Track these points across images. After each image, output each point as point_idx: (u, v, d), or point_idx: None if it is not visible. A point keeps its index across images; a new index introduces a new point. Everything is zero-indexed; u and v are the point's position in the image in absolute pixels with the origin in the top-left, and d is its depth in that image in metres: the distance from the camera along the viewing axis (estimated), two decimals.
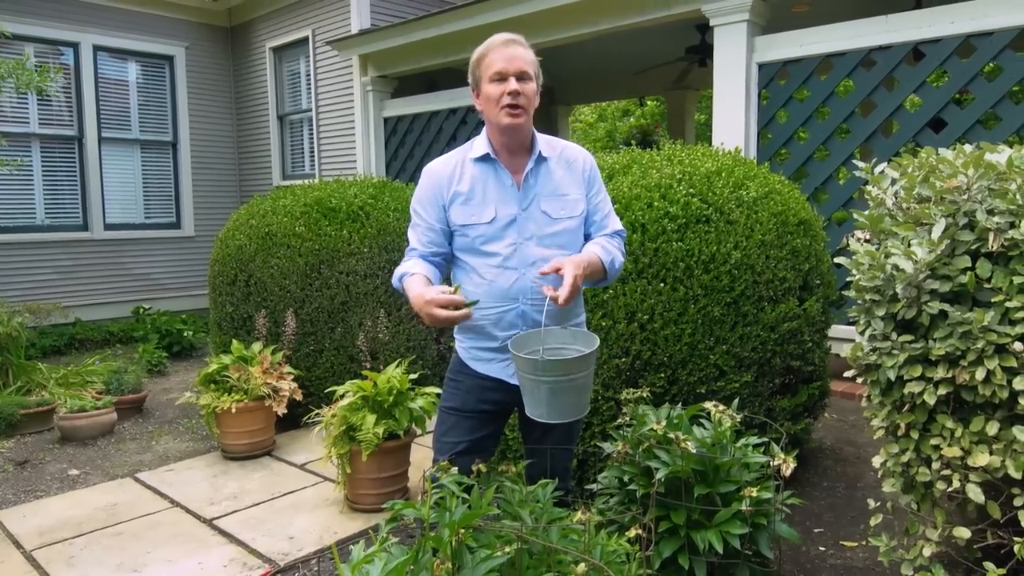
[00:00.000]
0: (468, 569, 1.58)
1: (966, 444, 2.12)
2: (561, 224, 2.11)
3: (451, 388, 2.26)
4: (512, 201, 2.09)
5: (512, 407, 2.28)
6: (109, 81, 8.53)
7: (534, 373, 1.86)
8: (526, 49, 2.08)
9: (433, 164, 2.18)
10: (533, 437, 2.28)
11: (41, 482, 4.01)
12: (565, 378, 1.85)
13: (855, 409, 4.63)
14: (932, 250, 2.07)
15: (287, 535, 3.24)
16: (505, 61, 2.03)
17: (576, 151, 2.22)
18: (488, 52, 2.07)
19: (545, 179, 2.12)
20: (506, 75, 2.02)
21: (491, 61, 2.05)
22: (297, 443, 4.50)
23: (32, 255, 7.88)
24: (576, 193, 2.15)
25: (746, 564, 2.13)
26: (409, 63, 7.47)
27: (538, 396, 1.88)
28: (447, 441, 2.23)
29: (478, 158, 2.11)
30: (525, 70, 2.04)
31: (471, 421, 2.21)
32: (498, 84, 2.03)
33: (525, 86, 2.03)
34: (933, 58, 4.47)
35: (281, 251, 4.72)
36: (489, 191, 2.09)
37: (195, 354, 7.37)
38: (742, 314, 2.99)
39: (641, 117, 16.30)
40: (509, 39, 2.07)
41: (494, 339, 2.14)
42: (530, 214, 2.09)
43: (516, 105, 2.02)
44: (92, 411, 4.75)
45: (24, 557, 3.10)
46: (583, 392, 1.92)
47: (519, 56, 2.04)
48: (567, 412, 1.91)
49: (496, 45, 2.06)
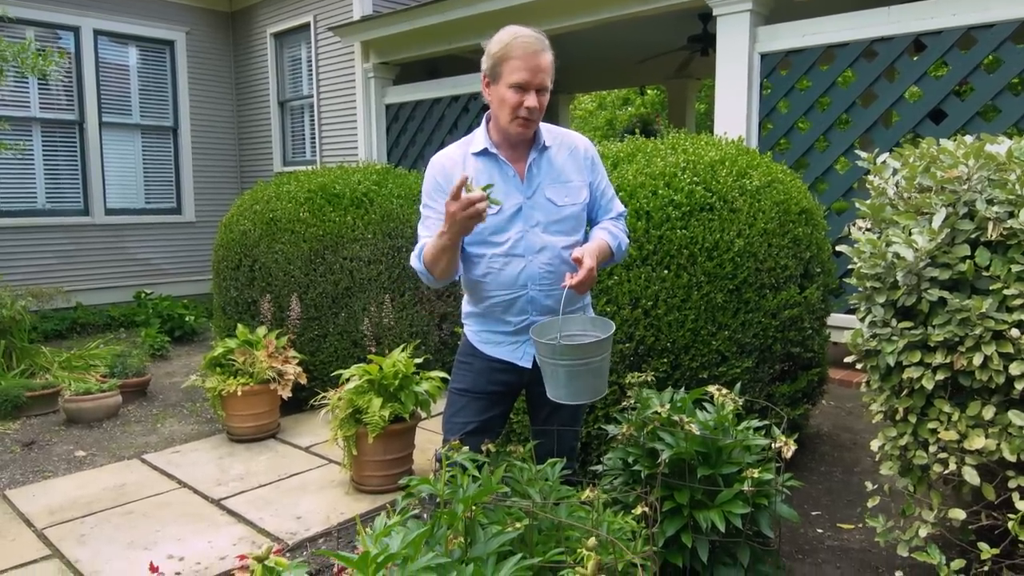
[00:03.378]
0: (481, 543, 1.64)
1: (963, 428, 2.18)
2: (566, 211, 2.15)
3: (461, 370, 2.31)
4: (516, 191, 2.11)
5: (520, 388, 2.33)
6: (110, 66, 8.52)
7: (552, 357, 1.93)
8: (550, 53, 2.02)
9: (439, 158, 2.17)
10: (540, 418, 2.33)
11: (49, 463, 4.06)
12: (581, 362, 1.92)
13: (852, 396, 4.70)
14: (932, 239, 2.12)
15: (294, 515, 3.30)
16: (531, 72, 1.96)
17: (576, 138, 2.24)
18: (515, 53, 1.96)
19: (548, 167, 2.14)
20: (529, 87, 1.97)
21: (516, 66, 1.96)
22: (301, 426, 4.55)
23: (33, 239, 7.89)
24: (578, 179, 2.18)
25: (747, 543, 2.19)
26: (411, 50, 7.48)
27: (557, 379, 1.96)
28: (457, 422, 2.27)
29: (478, 152, 2.12)
30: (547, 83, 2.00)
31: (481, 402, 2.26)
32: (517, 92, 1.98)
33: (543, 98, 2.01)
34: (934, 50, 4.50)
35: (285, 236, 4.76)
36: (494, 184, 2.09)
37: (196, 339, 7.41)
38: (744, 301, 3.04)
39: (641, 106, 16.30)
40: (540, 46, 1.98)
41: (506, 324, 2.19)
42: (535, 202, 2.12)
43: (530, 118, 2.01)
44: (97, 393, 4.79)
45: (36, 535, 3.16)
46: (600, 375, 1.99)
47: (545, 68, 1.98)
48: (585, 394, 1.98)
49: (527, 51, 1.96)
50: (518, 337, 2.21)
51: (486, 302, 2.20)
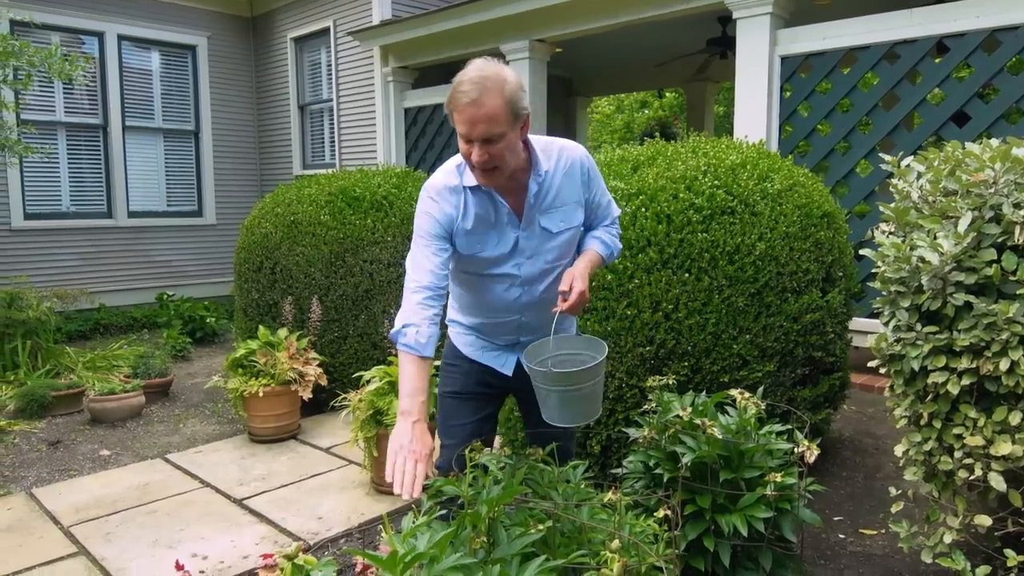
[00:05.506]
0: (504, 544, 1.64)
1: (988, 433, 2.16)
2: (562, 236, 2.10)
3: (450, 373, 2.30)
4: (511, 228, 2.04)
5: (507, 392, 2.34)
6: (133, 70, 8.64)
7: (545, 384, 1.93)
8: (496, 97, 1.80)
9: (434, 191, 2.03)
10: (532, 422, 2.31)
11: (74, 462, 4.12)
12: (573, 387, 1.91)
13: (874, 401, 4.66)
14: (958, 242, 2.11)
15: (316, 515, 3.32)
16: (467, 126, 1.82)
17: (572, 153, 2.09)
18: (453, 104, 1.84)
19: (544, 195, 2.05)
20: (469, 139, 1.84)
21: (456, 118, 1.84)
22: (322, 427, 4.58)
23: (58, 241, 8.02)
24: (574, 199, 2.10)
25: (769, 547, 2.18)
26: (430, 54, 7.52)
27: (549, 403, 1.96)
28: (453, 424, 2.27)
29: (473, 187, 1.99)
30: (491, 133, 1.81)
31: (473, 402, 2.27)
32: (464, 144, 1.87)
33: (493, 147, 1.84)
34: (957, 52, 4.46)
35: (306, 239, 4.80)
36: (489, 220, 2.03)
37: (217, 340, 7.49)
38: (765, 305, 3.03)
39: (659, 109, 16.26)
40: (473, 97, 1.79)
41: (496, 338, 2.22)
42: (531, 233, 2.05)
43: (483, 168, 1.88)
44: (121, 394, 4.86)
45: (63, 533, 3.20)
46: (592, 399, 1.98)
47: (482, 118, 1.80)
48: (577, 418, 1.98)
49: (460, 103, 1.81)
50: (502, 350, 2.22)
51: (475, 319, 2.21)
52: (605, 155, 3.67)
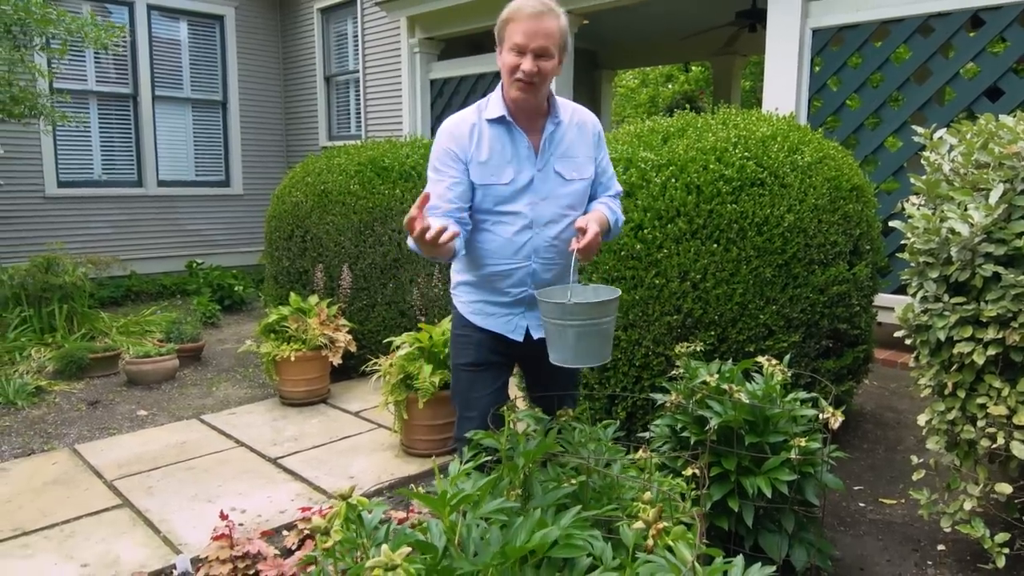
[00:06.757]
0: (539, 496, 1.72)
1: (1012, 403, 2.20)
2: (573, 185, 2.17)
3: (462, 345, 2.31)
4: (528, 163, 2.11)
5: (513, 361, 2.39)
6: (162, 40, 8.72)
7: (561, 317, 1.95)
8: (555, 19, 1.99)
9: (449, 125, 2.14)
10: (540, 388, 2.39)
11: (113, 421, 4.26)
12: (591, 321, 1.94)
13: (896, 376, 4.68)
14: (989, 214, 2.13)
15: (348, 475, 3.43)
16: (527, 36, 1.95)
17: (585, 114, 2.24)
18: (513, 18, 1.98)
19: (559, 141, 2.15)
20: (525, 50, 1.97)
21: (515, 29, 1.97)
22: (350, 392, 4.70)
23: (90, 209, 8.18)
24: (585, 155, 2.19)
25: (792, 510, 2.24)
26: (457, 25, 7.51)
27: (565, 340, 1.97)
28: (475, 396, 2.28)
29: (493, 119, 2.09)
30: (547, 47, 1.97)
31: (488, 373, 2.29)
32: (515, 56, 1.98)
33: (543, 63, 1.98)
34: (993, 25, 4.40)
35: (336, 208, 4.87)
36: (506, 154, 2.09)
37: (245, 308, 7.63)
38: (793, 276, 3.06)
39: (685, 83, 16.09)
40: (538, 11, 1.96)
41: (503, 294, 2.21)
42: (545, 175, 2.13)
43: (528, 81, 1.99)
44: (156, 357, 5.00)
45: (106, 486, 3.34)
46: (607, 338, 2.01)
47: (542, 32, 1.96)
48: (591, 356, 2.00)
49: (528, 13, 1.96)
50: (511, 309, 2.23)
51: (485, 270, 2.19)
52: (635, 126, 3.70)
